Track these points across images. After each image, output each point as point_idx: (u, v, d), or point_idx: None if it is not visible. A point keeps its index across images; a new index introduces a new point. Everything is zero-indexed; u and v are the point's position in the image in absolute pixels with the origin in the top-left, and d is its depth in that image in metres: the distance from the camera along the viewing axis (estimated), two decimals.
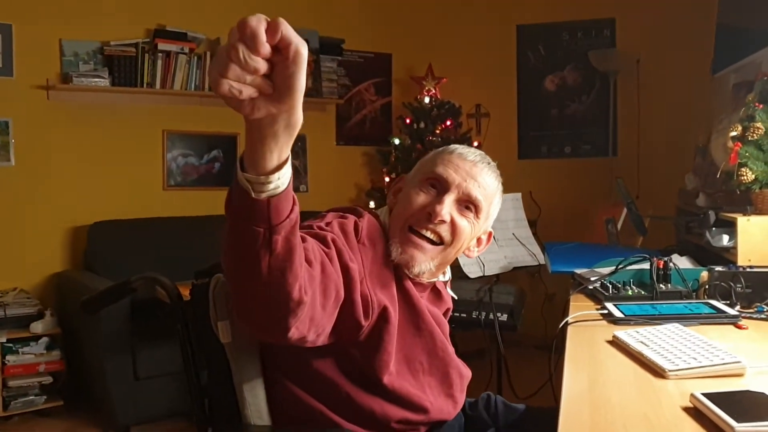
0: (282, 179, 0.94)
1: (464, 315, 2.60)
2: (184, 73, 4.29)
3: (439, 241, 1.41)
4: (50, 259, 4.03)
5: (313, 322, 1.11)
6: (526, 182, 4.16)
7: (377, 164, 5.20)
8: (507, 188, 2.99)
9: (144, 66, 4.17)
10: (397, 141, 4.97)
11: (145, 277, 1.48)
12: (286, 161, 0.93)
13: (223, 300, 1.38)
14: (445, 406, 1.48)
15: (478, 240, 1.52)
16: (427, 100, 5.02)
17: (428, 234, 1.40)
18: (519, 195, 3.43)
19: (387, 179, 4.99)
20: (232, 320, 1.37)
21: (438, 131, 4.90)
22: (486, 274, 2.98)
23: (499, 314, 2.58)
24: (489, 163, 1.49)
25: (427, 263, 1.40)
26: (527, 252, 3.25)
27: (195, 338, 1.48)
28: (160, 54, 4.20)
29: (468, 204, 1.43)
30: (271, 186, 0.93)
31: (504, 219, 3.08)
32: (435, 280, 1.51)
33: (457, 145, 1.50)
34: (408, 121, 4.99)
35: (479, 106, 5.34)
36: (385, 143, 5.12)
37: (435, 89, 5.11)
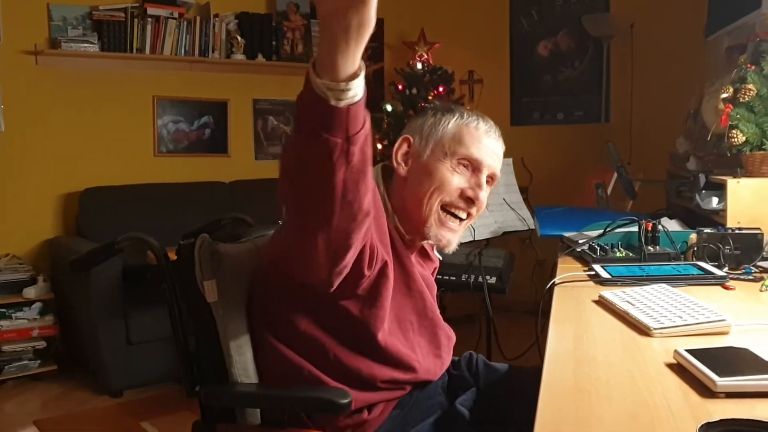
0: (359, 86, 0.94)
1: (453, 278, 2.61)
2: (173, 39, 4.24)
3: (467, 217, 1.46)
4: (42, 226, 4.01)
5: (357, 239, 1.11)
6: (518, 148, 4.13)
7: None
8: None
9: (133, 31, 4.11)
10: (389, 107, 4.93)
11: (131, 238, 1.48)
12: (360, 69, 0.93)
13: (208, 259, 1.38)
14: (433, 367, 1.49)
15: None
16: (419, 65, 4.96)
17: (462, 214, 1.44)
18: (510, 160, 3.42)
19: (380, 146, 4.96)
20: (218, 279, 1.37)
21: (431, 97, 4.86)
22: (476, 239, 2.99)
23: (488, 277, 2.59)
24: (501, 138, 1.53)
25: (457, 242, 1.46)
26: (517, 217, 3.26)
27: (182, 298, 1.48)
28: (149, 19, 4.14)
29: (490, 179, 1.48)
30: (350, 93, 0.93)
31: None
32: (423, 242, 1.52)
33: (477, 118, 1.49)
34: (400, 87, 4.94)
35: (472, 72, 5.30)
36: (377, 109, 5.08)
37: (427, 55, 5.05)
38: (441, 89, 4.91)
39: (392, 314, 1.39)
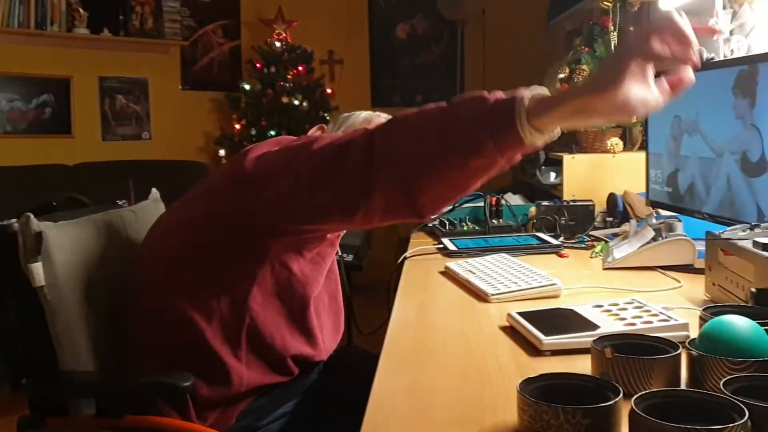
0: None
1: None
2: (4, 8, 3.90)
3: None
4: None
5: None
6: None
7: (227, 110, 5.02)
8: None
9: None
10: (247, 86, 4.82)
11: None
12: None
13: (32, 240, 1.27)
14: (330, 349, 1.50)
15: None
16: (278, 44, 4.88)
17: None
18: None
19: (238, 126, 4.84)
20: (45, 261, 1.28)
21: (290, 76, 4.80)
22: None
23: (345, 255, 2.60)
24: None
25: None
26: None
27: (5, 285, 1.36)
28: None
29: None
30: (545, 138, 0.96)
31: None
32: None
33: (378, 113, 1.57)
34: (258, 65, 4.84)
35: (332, 52, 5.28)
36: (234, 88, 4.95)
37: (286, 33, 4.97)
38: (300, 68, 4.86)
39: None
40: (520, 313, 1.18)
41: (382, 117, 1.51)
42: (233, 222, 1.24)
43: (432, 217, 1.07)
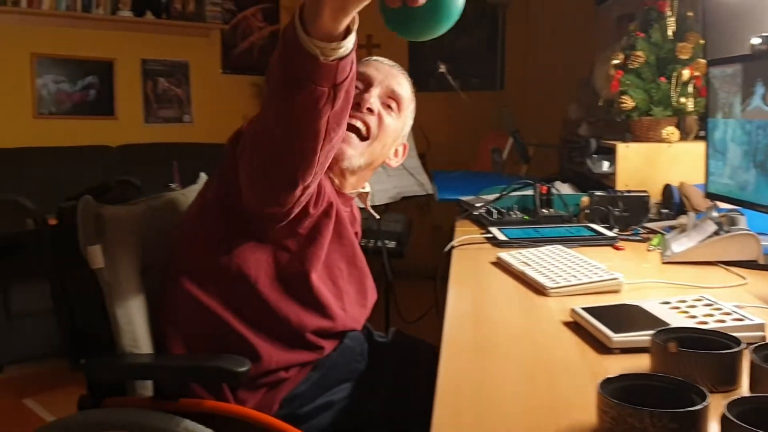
0: (352, 40, 0.94)
1: None
2: None
3: (367, 134, 1.42)
4: None
5: (324, 167, 1.16)
6: (416, 114, 4.15)
7: None
8: None
9: None
10: None
11: (6, 200, 1.36)
12: (353, 23, 0.92)
13: (92, 222, 1.28)
14: (358, 316, 1.47)
15: (396, 151, 1.54)
16: None
17: (357, 123, 1.40)
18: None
19: None
20: (104, 244, 1.28)
21: None
22: (375, 204, 2.98)
23: (387, 241, 2.58)
24: (404, 72, 1.53)
25: (357, 157, 1.41)
26: (416, 182, 3.26)
27: (64, 266, 1.37)
28: None
29: (391, 100, 1.46)
30: (342, 50, 0.93)
31: None
32: (357, 192, 1.51)
33: None
34: None
35: (370, 36, 5.23)
36: None
37: None
38: None
39: (323, 260, 1.36)
40: (584, 309, 1.15)
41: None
42: (224, 209, 1.29)
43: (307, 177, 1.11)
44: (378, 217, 1.60)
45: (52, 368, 3.25)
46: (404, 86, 1.50)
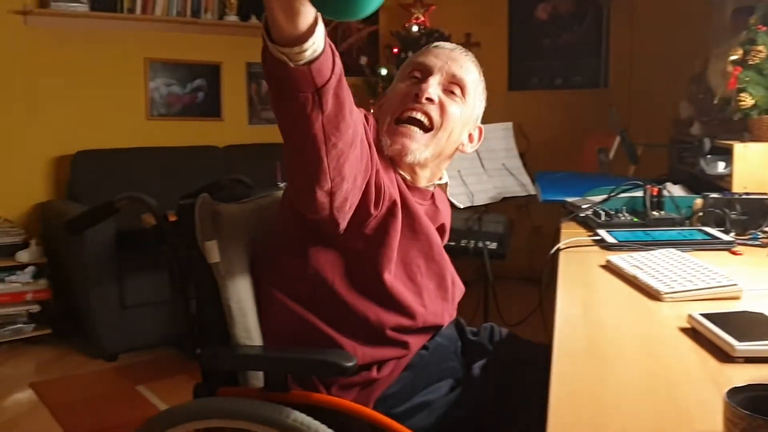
0: (317, 42, 0.92)
1: (452, 243, 2.58)
2: None
3: (429, 125, 1.38)
4: (34, 189, 3.95)
5: (349, 171, 1.13)
6: (515, 113, 4.08)
7: (364, 95, 5.08)
8: (497, 119, 2.95)
9: None
10: (384, 71, 4.84)
11: (130, 197, 1.44)
12: (315, 22, 0.90)
13: (209, 219, 1.34)
14: (441, 310, 1.46)
15: (470, 136, 1.49)
16: (415, 28, 4.87)
17: (417, 115, 1.36)
18: (510, 124, 3.37)
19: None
20: (219, 240, 1.34)
21: None
22: (475, 204, 2.96)
23: (488, 242, 2.56)
24: (468, 53, 1.47)
25: (421, 150, 1.37)
26: (516, 182, 3.22)
27: (182, 260, 1.44)
28: None
29: (453, 85, 1.40)
30: (308, 53, 0.93)
31: (494, 148, 3.04)
32: (433, 184, 1.48)
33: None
34: (395, 50, 4.85)
35: (469, 35, 5.20)
36: (372, 73, 4.99)
37: (424, 17, 4.95)
38: None
39: (398, 257, 1.35)
40: (703, 315, 1.10)
41: (427, 47, 1.47)
42: (295, 212, 1.28)
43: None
44: (460, 205, 1.57)
45: (163, 357, 3.42)
46: (467, 68, 1.42)
